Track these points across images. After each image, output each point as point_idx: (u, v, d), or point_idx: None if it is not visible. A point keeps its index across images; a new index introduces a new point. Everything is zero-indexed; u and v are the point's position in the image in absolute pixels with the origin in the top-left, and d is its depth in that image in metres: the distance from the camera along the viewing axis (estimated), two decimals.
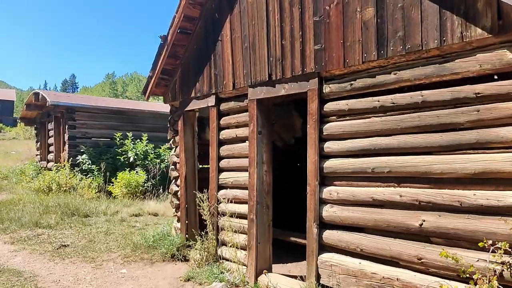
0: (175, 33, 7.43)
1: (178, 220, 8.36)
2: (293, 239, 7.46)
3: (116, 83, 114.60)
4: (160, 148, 16.03)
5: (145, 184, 14.21)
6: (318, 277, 5.14)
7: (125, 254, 7.80)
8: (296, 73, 5.48)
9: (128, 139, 15.50)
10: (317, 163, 5.22)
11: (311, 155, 5.28)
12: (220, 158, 7.06)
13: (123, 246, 8.28)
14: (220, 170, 7.05)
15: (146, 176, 14.31)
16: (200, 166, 8.23)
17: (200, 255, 6.97)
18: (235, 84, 6.56)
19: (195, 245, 7.14)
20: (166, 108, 21.61)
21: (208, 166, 9.12)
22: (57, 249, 8.24)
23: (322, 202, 5.20)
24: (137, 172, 14.45)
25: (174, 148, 8.48)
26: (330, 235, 5.09)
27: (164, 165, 15.10)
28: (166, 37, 7.57)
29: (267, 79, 5.92)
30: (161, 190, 13.92)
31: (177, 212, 8.35)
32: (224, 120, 6.99)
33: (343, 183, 5.02)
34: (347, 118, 4.99)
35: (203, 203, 7.04)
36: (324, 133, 5.20)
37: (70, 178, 14.19)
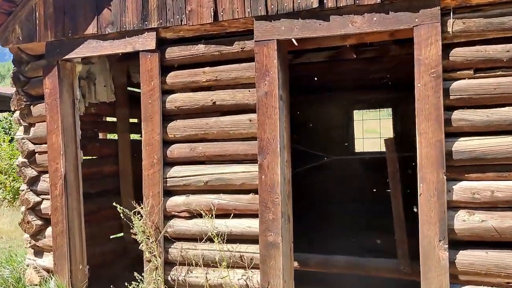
0: None
1: (39, 253, 4.76)
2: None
3: None
4: None
5: None
6: None
7: None
8: None
9: None
10: (441, 145, 3.21)
11: (429, 131, 3.24)
12: (166, 142, 4.09)
13: None
14: (168, 164, 4.09)
15: None
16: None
17: None
18: (218, 13, 3.78)
19: None
20: None
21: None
22: None
23: (452, 207, 3.24)
24: None
25: (26, 127, 4.76)
26: (474, 259, 3.19)
27: None
28: None
29: (315, 5, 3.48)
30: None
31: (37, 240, 4.71)
32: (176, 77, 4.06)
33: (490, 176, 3.19)
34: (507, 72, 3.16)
35: (137, 221, 3.96)
36: (451, 97, 3.24)
37: None
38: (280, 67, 3.67)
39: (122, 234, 5.85)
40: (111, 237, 5.74)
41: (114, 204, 4.02)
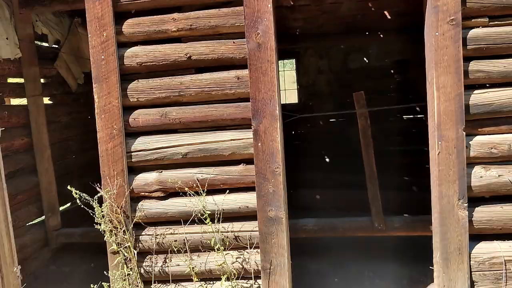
0: None
1: None
2: None
3: None
4: None
5: None
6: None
7: None
8: None
9: None
10: (461, 99, 3.01)
11: (448, 85, 3.00)
12: (128, 108, 3.30)
13: None
14: (132, 134, 3.33)
15: None
16: None
17: None
18: None
19: None
20: None
21: None
22: None
23: (468, 163, 3.09)
24: None
25: None
26: (492, 215, 3.11)
27: None
28: None
29: None
30: None
31: None
32: (136, 25, 3.25)
33: (504, 129, 3.10)
34: None
35: (101, 208, 3.20)
36: (468, 47, 3.02)
37: None
38: (273, 13, 3.10)
39: (41, 219, 4.86)
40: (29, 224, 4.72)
41: (69, 187, 3.16)
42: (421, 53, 3.09)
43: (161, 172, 3.32)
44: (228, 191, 3.21)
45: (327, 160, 8.27)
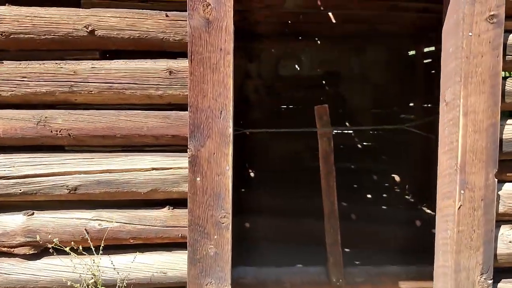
0: None
1: None
2: None
3: None
4: None
5: None
6: None
7: None
8: None
9: None
10: (496, 131, 2.09)
11: (480, 110, 2.07)
12: None
13: None
14: None
15: None
16: None
17: None
18: None
19: None
20: None
21: None
22: None
23: (496, 222, 2.18)
24: None
25: None
26: None
27: None
28: None
29: None
30: None
31: None
32: None
33: None
34: None
35: None
36: (507, 57, 2.12)
37: None
38: None
39: None
40: None
41: None
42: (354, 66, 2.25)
43: (33, 214, 2.03)
44: (135, 252, 2.01)
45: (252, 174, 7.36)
